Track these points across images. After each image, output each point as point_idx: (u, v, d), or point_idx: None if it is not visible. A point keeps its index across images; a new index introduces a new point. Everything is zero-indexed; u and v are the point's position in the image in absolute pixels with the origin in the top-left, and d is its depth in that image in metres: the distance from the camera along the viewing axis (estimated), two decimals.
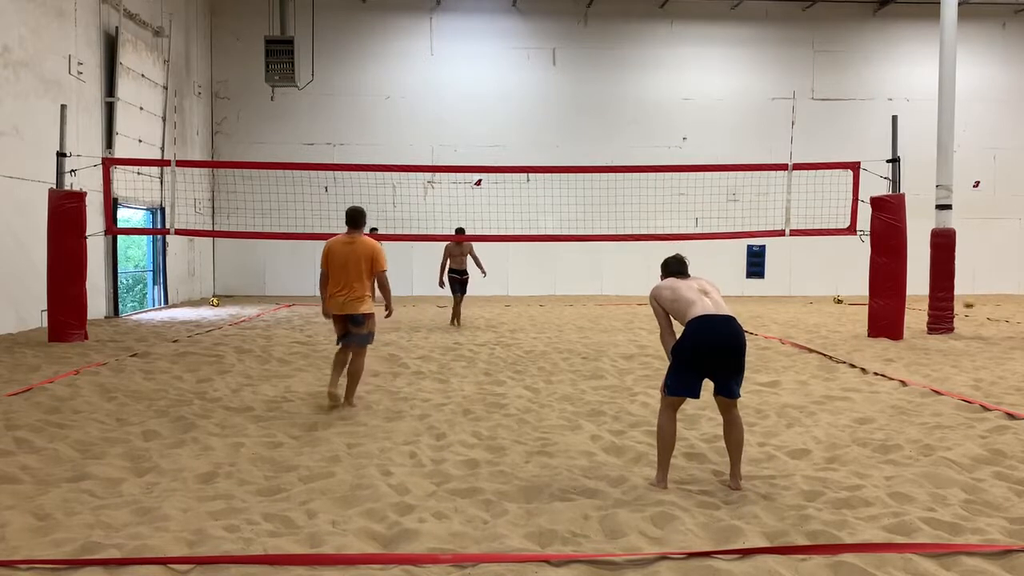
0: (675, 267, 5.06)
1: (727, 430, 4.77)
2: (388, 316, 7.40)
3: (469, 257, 13.63)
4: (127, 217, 16.23)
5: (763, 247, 21.04)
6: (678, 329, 4.81)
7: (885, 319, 11.75)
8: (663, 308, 4.87)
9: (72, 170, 11.40)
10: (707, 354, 4.59)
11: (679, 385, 4.69)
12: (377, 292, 7.18)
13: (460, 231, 13.69)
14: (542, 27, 20.92)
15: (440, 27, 20.75)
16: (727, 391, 4.69)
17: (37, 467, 5.04)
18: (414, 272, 20.43)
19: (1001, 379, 8.30)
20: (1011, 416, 6.48)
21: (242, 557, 3.60)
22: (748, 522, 4.09)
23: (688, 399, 4.91)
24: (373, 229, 17.94)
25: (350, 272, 6.84)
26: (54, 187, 11.18)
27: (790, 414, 6.68)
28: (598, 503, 4.41)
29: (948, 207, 12.51)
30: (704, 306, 4.66)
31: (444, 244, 13.65)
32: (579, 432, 6.08)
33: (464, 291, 13.75)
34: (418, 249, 19.95)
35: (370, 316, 6.96)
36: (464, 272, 13.63)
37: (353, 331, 6.97)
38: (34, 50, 12.24)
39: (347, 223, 7.04)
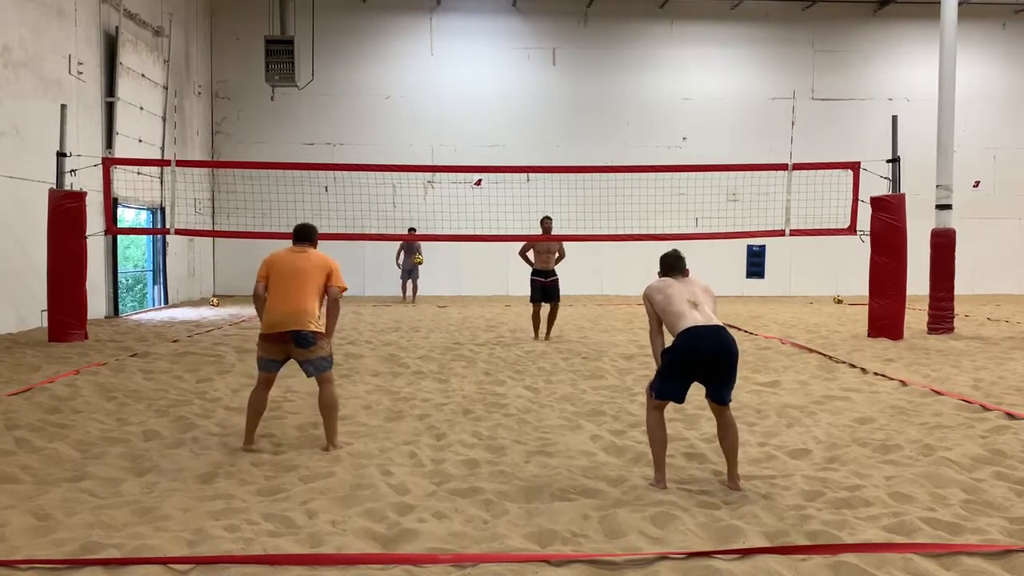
0: (668, 265, 5.04)
1: (721, 433, 4.80)
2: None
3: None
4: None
5: (763, 247, 21.04)
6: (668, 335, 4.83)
7: (885, 319, 11.75)
8: (654, 311, 4.88)
9: (72, 170, 11.40)
10: (697, 364, 4.64)
11: (667, 391, 4.76)
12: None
13: (547, 223, 11.60)
14: (542, 27, 20.92)
15: (440, 27, 20.75)
16: (717, 397, 4.74)
17: (37, 467, 5.04)
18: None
19: (1001, 379, 8.31)
20: (1011, 416, 6.48)
21: (242, 557, 3.60)
22: (748, 522, 4.09)
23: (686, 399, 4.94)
24: (411, 229, 17.92)
25: (300, 282, 5.41)
26: (54, 187, 11.17)
27: (790, 414, 6.68)
28: (598, 503, 4.41)
29: (948, 207, 12.51)
30: (694, 318, 4.66)
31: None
32: (579, 432, 6.08)
33: (549, 298, 11.55)
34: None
35: (322, 336, 5.49)
36: (551, 273, 11.55)
37: (300, 356, 5.46)
38: (34, 50, 12.24)
39: (296, 240, 5.72)
